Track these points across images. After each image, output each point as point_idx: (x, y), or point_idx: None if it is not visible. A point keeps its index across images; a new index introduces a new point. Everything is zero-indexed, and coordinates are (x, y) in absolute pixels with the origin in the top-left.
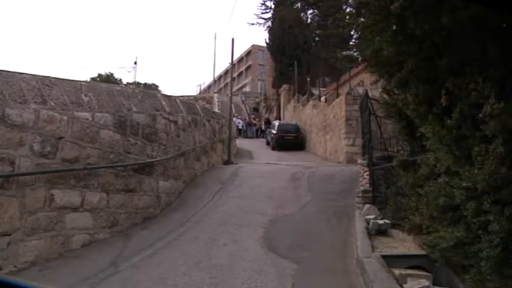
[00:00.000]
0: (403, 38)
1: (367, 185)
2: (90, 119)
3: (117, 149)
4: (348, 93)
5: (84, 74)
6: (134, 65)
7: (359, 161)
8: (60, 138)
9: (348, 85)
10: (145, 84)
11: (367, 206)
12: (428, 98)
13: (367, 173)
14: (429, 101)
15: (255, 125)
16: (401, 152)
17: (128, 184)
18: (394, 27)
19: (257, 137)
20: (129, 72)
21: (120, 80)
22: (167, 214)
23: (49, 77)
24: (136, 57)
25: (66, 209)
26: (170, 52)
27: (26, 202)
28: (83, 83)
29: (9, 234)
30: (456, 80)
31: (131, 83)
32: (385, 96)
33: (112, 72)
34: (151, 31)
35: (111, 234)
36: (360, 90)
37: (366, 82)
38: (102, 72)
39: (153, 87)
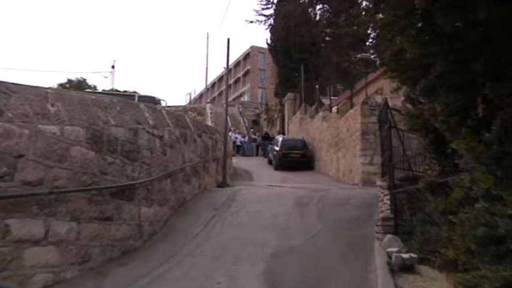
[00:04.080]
0: (429, 37)
1: (388, 211)
2: (59, 133)
3: (91, 169)
4: (364, 103)
5: (50, 79)
6: (111, 70)
7: (378, 182)
8: (20, 156)
9: (363, 93)
10: (125, 92)
11: (389, 236)
12: (461, 108)
13: (388, 197)
14: (462, 111)
15: (255, 140)
16: (429, 172)
17: (104, 211)
18: (419, 25)
19: (257, 154)
20: (106, 77)
21: (95, 86)
22: (151, 246)
23: (6, 82)
24: (114, 61)
25: (25, 243)
26: (155, 55)
27: None
28: (49, 91)
29: None
30: (496, 85)
31: (108, 91)
32: (408, 105)
33: (85, 77)
34: (133, 30)
35: (81, 272)
36: (379, 99)
37: (385, 89)
38: (73, 78)
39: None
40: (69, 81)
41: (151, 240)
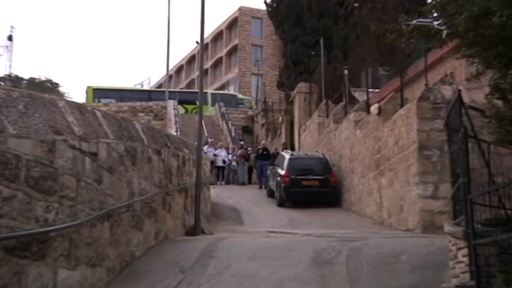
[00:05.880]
0: None
1: (466, 275)
2: None
3: None
4: (422, 98)
5: None
6: (8, 43)
7: (447, 227)
8: None
9: (422, 83)
10: (32, 80)
11: None
12: None
13: (465, 251)
14: None
15: (248, 159)
16: None
17: None
18: None
19: (250, 181)
20: None
21: None
22: None
23: None
24: (13, 29)
25: None
26: (84, 22)
27: None
28: None
29: None
30: None
31: (2, 78)
32: (496, 102)
33: None
34: None
35: None
36: (447, 91)
37: (457, 76)
38: None
39: (50, 87)
40: None
41: None
